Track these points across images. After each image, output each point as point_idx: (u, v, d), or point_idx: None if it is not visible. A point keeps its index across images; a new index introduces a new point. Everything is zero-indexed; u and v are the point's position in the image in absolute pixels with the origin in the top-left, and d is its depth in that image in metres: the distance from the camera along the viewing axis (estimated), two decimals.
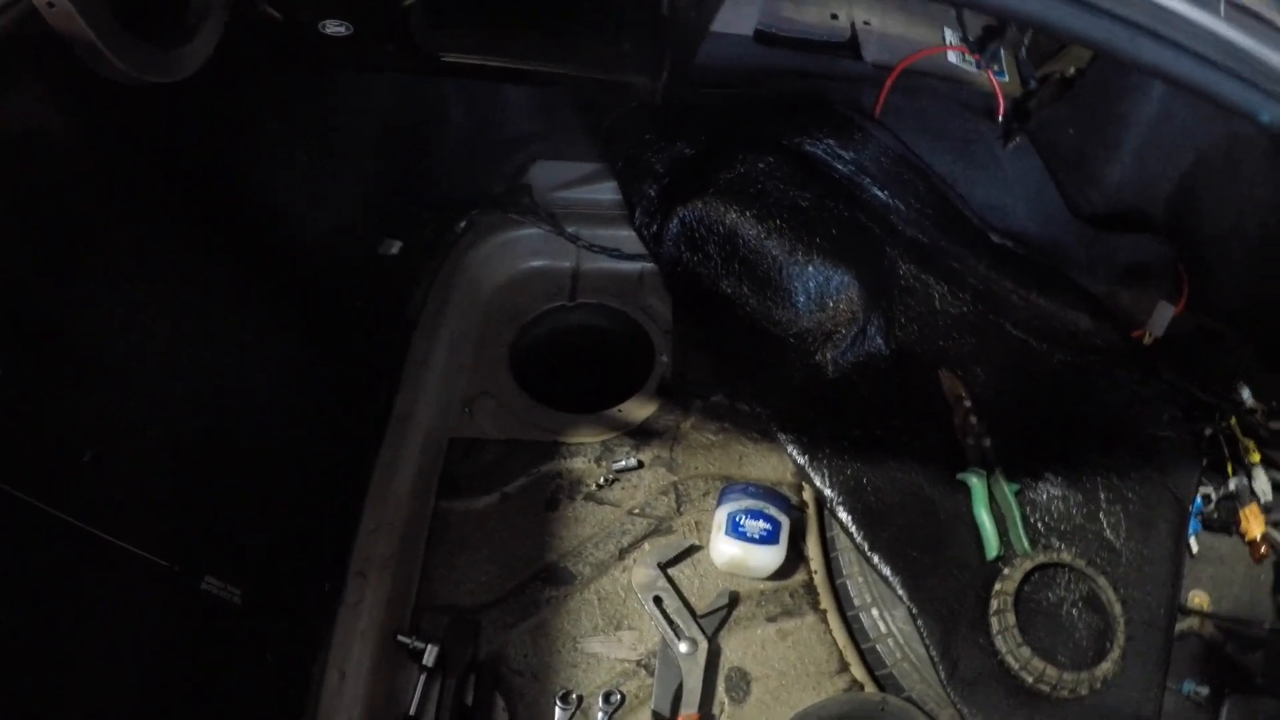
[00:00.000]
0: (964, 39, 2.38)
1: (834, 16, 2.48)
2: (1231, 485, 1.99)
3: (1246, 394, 2.06)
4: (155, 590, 1.43)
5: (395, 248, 2.30)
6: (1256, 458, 2.01)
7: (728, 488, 1.96)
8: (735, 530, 1.87)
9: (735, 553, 1.87)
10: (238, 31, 1.54)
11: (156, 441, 1.49)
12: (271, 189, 1.88)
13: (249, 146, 1.81)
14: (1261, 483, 1.98)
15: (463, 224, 2.47)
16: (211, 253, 1.69)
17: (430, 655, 1.74)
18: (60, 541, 1.26)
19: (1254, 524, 1.93)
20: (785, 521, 1.91)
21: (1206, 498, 2.00)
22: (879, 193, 2.37)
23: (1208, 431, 2.06)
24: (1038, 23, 1.06)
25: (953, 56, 2.40)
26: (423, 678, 1.74)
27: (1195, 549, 1.99)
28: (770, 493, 1.95)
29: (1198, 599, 1.94)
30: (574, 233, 2.48)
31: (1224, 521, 1.99)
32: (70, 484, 1.29)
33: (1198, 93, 1.08)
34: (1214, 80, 1.05)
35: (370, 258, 2.27)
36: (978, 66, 2.36)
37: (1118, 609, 1.85)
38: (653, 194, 2.44)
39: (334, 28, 1.66)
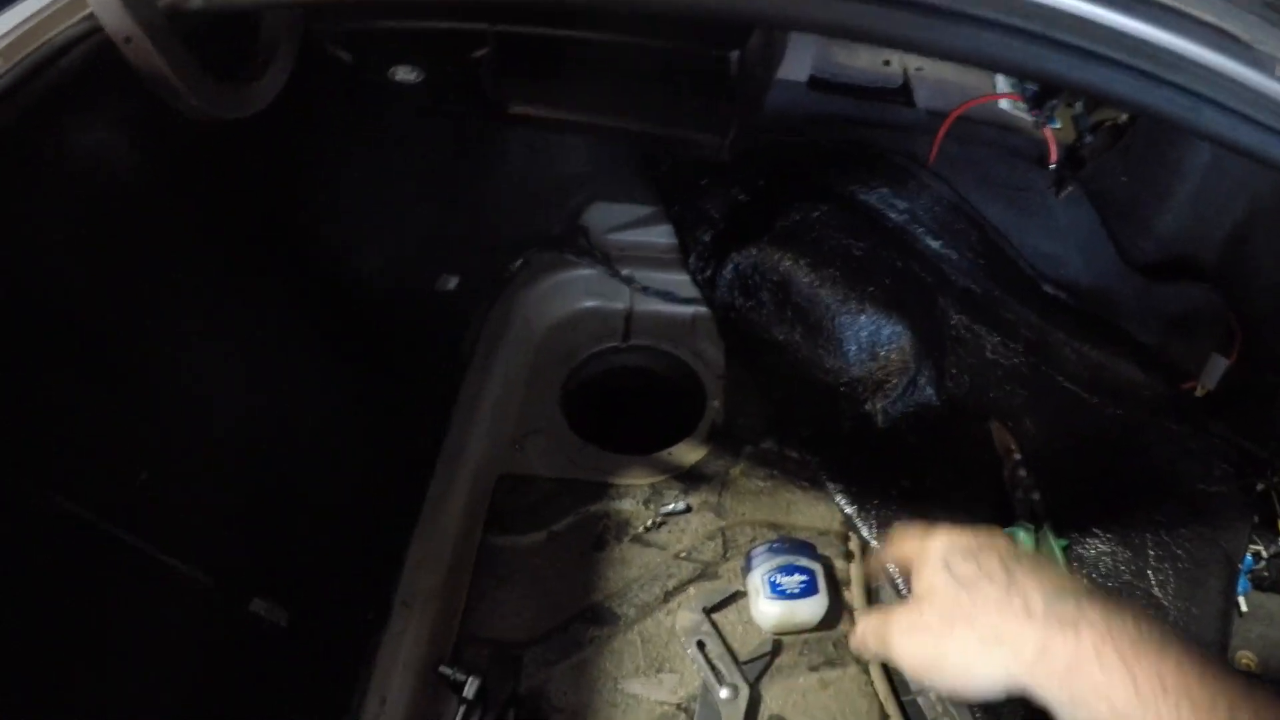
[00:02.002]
0: (1023, 94, 2.38)
1: (886, 63, 2.49)
2: None
3: None
4: (204, 609, 1.46)
5: (452, 283, 2.33)
6: None
7: (751, 551, 1.94)
8: (774, 590, 1.86)
9: (780, 612, 1.85)
10: (306, 71, 1.58)
11: (210, 464, 1.52)
12: (332, 222, 1.93)
13: (311, 181, 1.85)
14: None
15: (519, 262, 2.50)
16: (271, 283, 1.73)
17: (471, 687, 1.74)
18: (115, 557, 1.29)
19: None
20: (819, 568, 1.90)
21: (1257, 555, 1.96)
22: (932, 242, 2.37)
23: (1259, 487, 2.02)
24: (1098, 93, 1.06)
25: (1004, 103, 2.40)
26: (462, 709, 1.74)
27: (1244, 608, 1.94)
28: (794, 543, 1.94)
29: (1245, 659, 1.90)
30: (628, 275, 2.50)
31: (1274, 580, 1.94)
32: (126, 502, 1.32)
33: (1256, 159, 1.06)
34: (1273, 146, 1.04)
35: (426, 293, 2.30)
36: (1036, 124, 2.35)
37: None
38: (707, 239, 2.46)
39: (404, 74, 1.70)
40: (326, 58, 1.68)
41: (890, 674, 1.87)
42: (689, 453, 2.20)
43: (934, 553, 1.04)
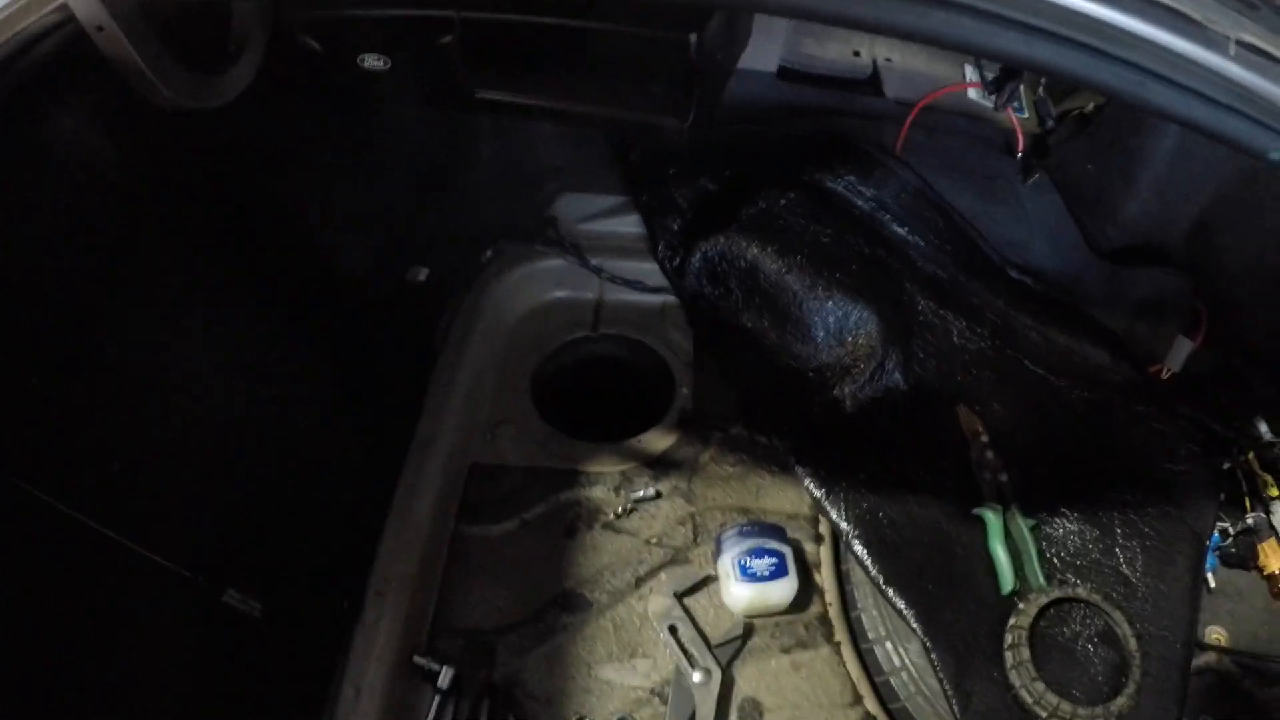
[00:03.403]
0: (982, 79, 2.41)
1: (856, 53, 2.52)
2: (1250, 520, 1.97)
3: (1264, 428, 2.04)
4: (178, 600, 1.46)
5: (423, 275, 2.33)
6: (1275, 492, 1.99)
7: (720, 536, 1.97)
8: (745, 573, 1.88)
9: (751, 594, 1.87)
10: (277, 60, 1.58)
11: (183, 455, 1.52)
12: (305, 214, 1.93)
13: (285, 172, 1.85)
14: None
15: (489, 253, 2.50)
16: (245, 275, 1.73)
17: (445, 677, 1.76)
18: (87, 548, 1.29)
19: (1273, 559, 1.91)
20: (788, 550, 1.92)
21: (1224, 532, 1.98)
22: (899, 229, 2.39)
23: (1226, 466, 2.05)
24: (1045, 69, 1.08)
25: (973, 93, 2.42)
26: (437, 699, 1.75)
27: (1213, 584, 1.97)
28: (764, 526, 1.96)
29: (1215, 634, 1.93)
30: (598, 264, 2.51)
31: (1242, 556, 1.96)
32: (98, 493, 1.32)
33: (1206, 133, 1.08)
34: (1223, 121, 1.06)
35: (398, 284, 2.30)
36: (995, 106, 2.38)
37: (1134, 644, 1.83)
38: (675, 228, 2.47)
39: (372, 62, 1.70)
40: (297, 48, 1.68)
41: (862, 655, 1.90)
42: (659, 439, 2.21)
43: None
